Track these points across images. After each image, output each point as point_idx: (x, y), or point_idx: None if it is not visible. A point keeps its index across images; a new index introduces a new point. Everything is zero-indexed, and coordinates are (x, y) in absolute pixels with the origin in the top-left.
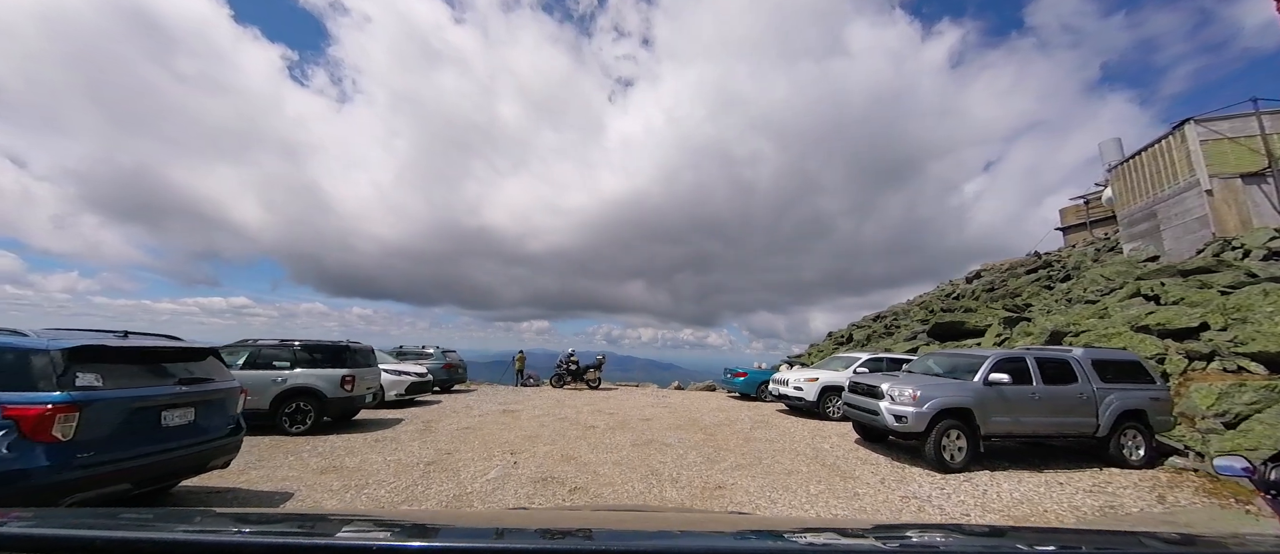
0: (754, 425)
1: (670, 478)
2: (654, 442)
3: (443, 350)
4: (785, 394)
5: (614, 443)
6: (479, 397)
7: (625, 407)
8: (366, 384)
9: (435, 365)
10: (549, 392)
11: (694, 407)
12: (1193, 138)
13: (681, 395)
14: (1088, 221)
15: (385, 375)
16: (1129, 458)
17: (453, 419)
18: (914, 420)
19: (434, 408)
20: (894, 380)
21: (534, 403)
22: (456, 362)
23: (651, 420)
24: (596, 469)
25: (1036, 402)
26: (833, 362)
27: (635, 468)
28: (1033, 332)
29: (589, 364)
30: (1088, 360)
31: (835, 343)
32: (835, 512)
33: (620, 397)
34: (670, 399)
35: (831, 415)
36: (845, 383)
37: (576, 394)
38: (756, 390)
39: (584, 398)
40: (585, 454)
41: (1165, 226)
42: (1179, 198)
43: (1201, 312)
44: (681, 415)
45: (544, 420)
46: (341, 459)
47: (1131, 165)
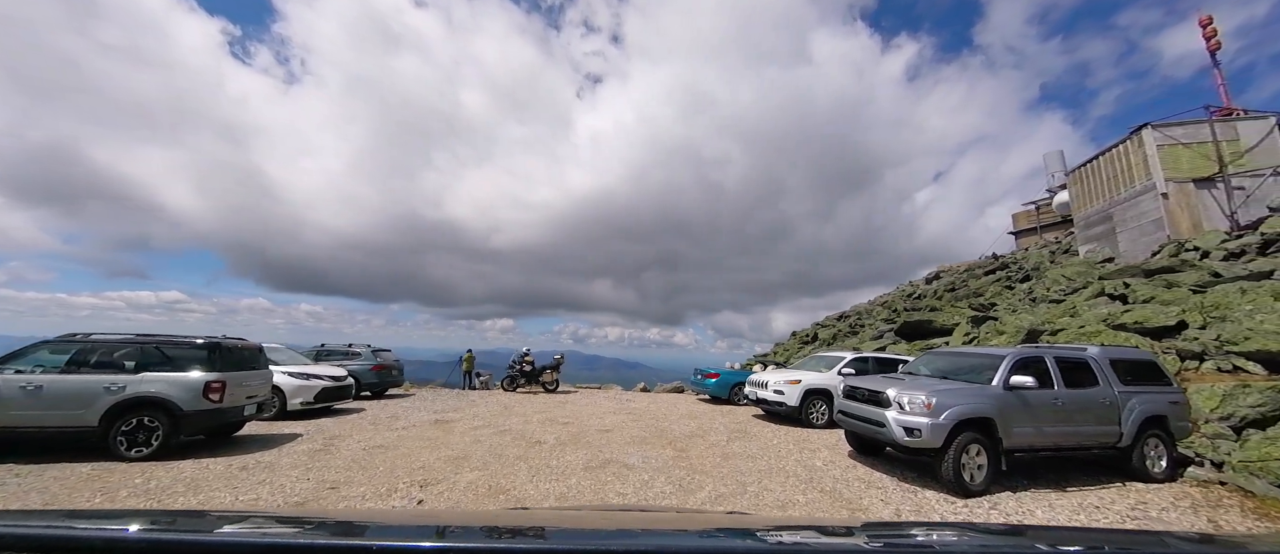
0: (731, 436)
1: None
2: (613, 463)
3: (374, 349)
4: (764, 398)
5: (562, 465)
6: (414, 403)
7: (583, 414)
8: (250, 392)
9: (362, 367)
10: (499, 396)
11: (661, 412)
12: (1150, 142)
13: (647, 399)
14: (1038, 226)
15: (286, 380)
16: (1151, 470)
17: (366, 434)
18: (929, 434)
19: (350, 419)
20: (901, 385)
21: (477, 410)
22: (390, 362)
23: (612, 432)
24: (534, 507)
25: (1059, 408)
26: (814, 361)
27: (587, 502)
28: (1006, 330)
29: (545, 365)
30: (1105, 360)
31: (800, 342)
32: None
33: (579, 401)
34: (635, 403)
35: (815, 422)
36: (831, 386)
37: (530, 399)
38: (729, 393)
39: (538, 403)
40: (522, 485)
41: (1121, 228)
42: (1135, 201)
43: (1177, 310)
44: (647, 424)
45: (481, 434)
46: (175, 498)
47: (1089, 169)
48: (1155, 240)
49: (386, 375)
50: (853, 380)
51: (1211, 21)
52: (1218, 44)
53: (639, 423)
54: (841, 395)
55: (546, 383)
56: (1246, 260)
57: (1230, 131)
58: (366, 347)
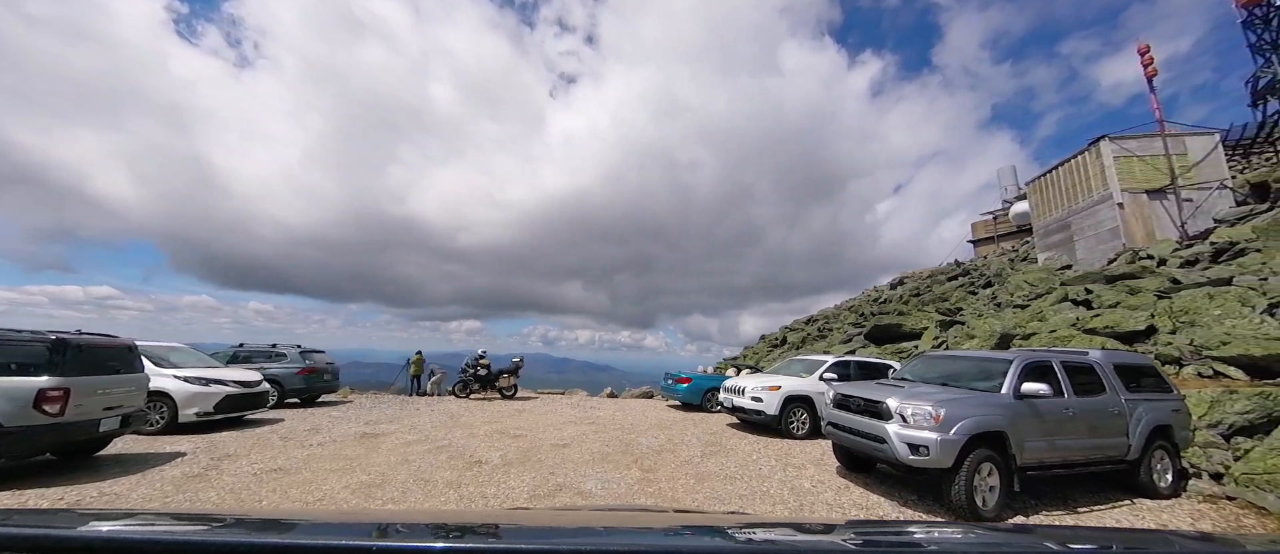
0: (706, 451)
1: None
2: (566, 488)
3: (303, 350)
4: (740, 406)
5: (504, 493)
6: (346, 412)
7: (540, 425)
8: (111, 402)
9: (286, 371)
10: (449, 404)
11: (628, 421)
12: (1107, 154)
13: (614, 406)
14: (996, 235)
15: (178, 386)
16: (1159, 485)
17: (269, 453)
18: (939, 451)
19: (258, 432)
20: (901, 394)
21: (417, 421)
22: (322, 365)
23: (569, 447)
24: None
25: (1071, 419)
26: (793, 365)
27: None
28: (976, 334)
29: (502, 368)
30: (1109, 365)
31: (769, 345)
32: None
33: (538, 409)
34: (600, 411)
35: (796, 432)
36: (813, 392)
37: (482, 406)
38: (702, 399)
39: (490, 412)
40: None
41: (1078, 237)
42: (1093, 210)
43: (1146, 314)
44: (611, 437)
45: (413, 451)
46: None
47: (1048, 180)
48: (1111, 248)
49: (316, 380)
50: (844, 388)
51: (1149, 50)
52: (1154, 71)
53: (602, 435)
54: (830, 405)
55: (503, 389)
56: (1201, 268)
57: (1179, 146)
58: (294, 347)
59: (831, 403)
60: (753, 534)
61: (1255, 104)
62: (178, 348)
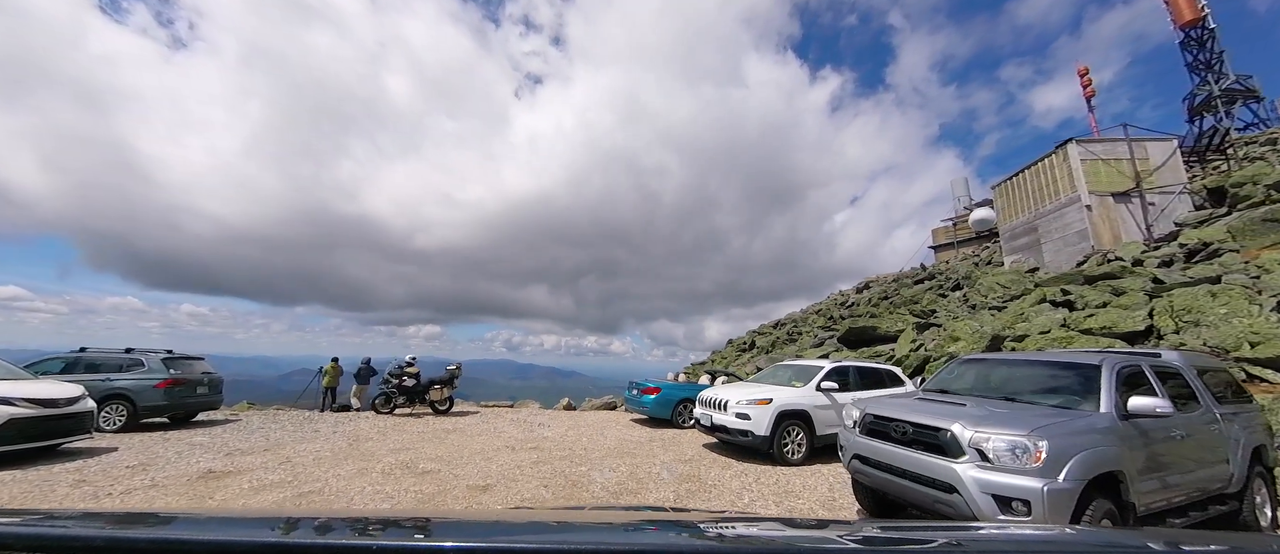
0: (681, 489)
1: None
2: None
3: (172, 357)
4: (722, 425)
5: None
6: (215, 437)
7: (465, 453)
8: None
9: (140, 383)
10: (362, 423)
11: (582, 445)
12: (1074, 157)
13: (568, 421)
14: (955, 241)
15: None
16: (1262, 523)
17: (50, 504)
18: (1050, 505)
19: (55, 469)
20: (970, 418)
21: (296, 451)
22: (193, 376)
23: (493, 489)
24: None
25: (1179, 444)
26: (778, 372)
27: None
28: (960, 336)
29: (434, 378)
30: (1192, 369)
31: (737, 350)
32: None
33: (472, 429)
34: (550, 429)
35: (792, 458)
36: (808, 406)
37: (403, 426)
38: (672, 412)
39: (408, 433)
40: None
41: (1046, 240)
42: (1060, 213)
43: (1141, 314)
44: (556, 469)
45: (264, 500)
46: None
47: (1014, 183)
48: (1080, 250)
49: (185, 394)
50: (880, 407)
51: (1088, 72)
52: (1093, 91)
53: (544, 467)
54: (853, 429)
55: (435, 402)
56: (1180, 268)
57: (1141, 151)
58: (160, 352)
59: (858, 427)
60: (752, 532)
61: (1192, 119)
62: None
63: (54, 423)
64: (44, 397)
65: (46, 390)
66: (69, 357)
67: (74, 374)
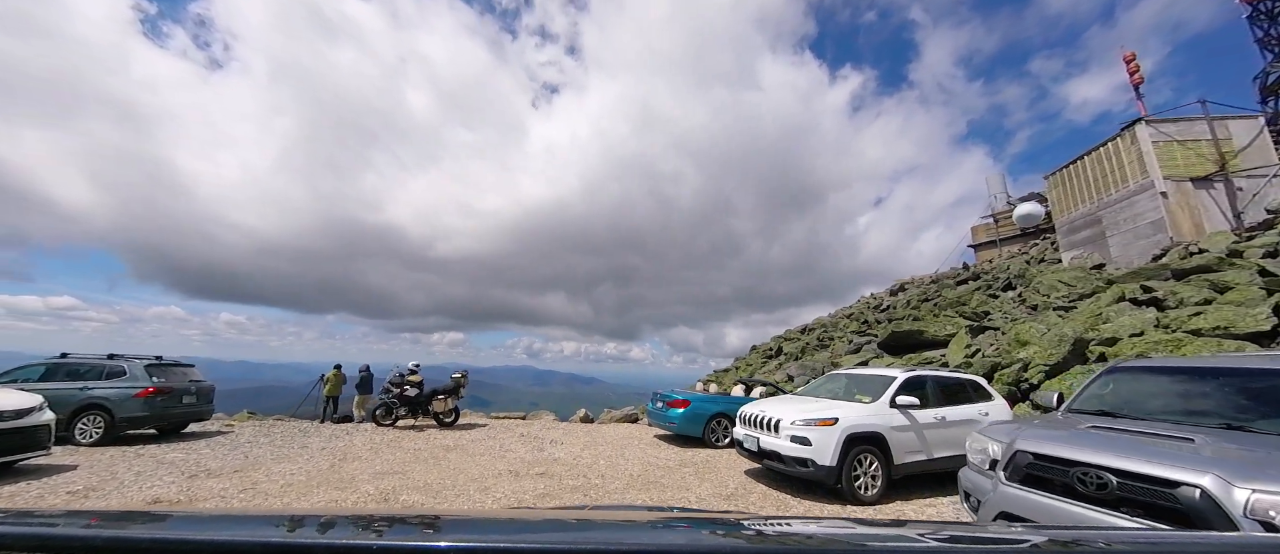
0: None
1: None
2: None
3: (157, 363)
4: (772, 451)
5: None
6: (191, 453)
7: (461, 478)
8: None
9: (122, 392)
10: (358, 437)
11: (598, 470)
12: (1145, 139)
13: (584, 437)
14: (997, 239)
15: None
16: None
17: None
18: None
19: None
20: (1224, 466)
21: (270, 473)
22: (180, 385)
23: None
24: None
25: None
26: (832, 383)
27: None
28: (1028, 340)
29: (438, 388)
30: None
31: (762, 356)
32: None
33: (475, 446)
34: (565, 447)
35: (864, 492)
36: (882, 427)
37: (400, 441)
38: (704, 430)
39: (403, 452)
40: None
41: (1112, 232)
42: (1129, 201)
43: (1265, 313)
44: (565, 506)
45: None
46: None
47: (1071, 171)
48: (1155, 243)
49: (170, 404)
50: (1043, 443)
51: (1134, 57)
52: (1141, 78)
53: (550, 500)
54: (1001, 474)
55: (440, 414)
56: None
57: (1223, 130)
58: (146, 359)
59: (1005, 469)
60: (753, 531)
61: (1265, 100)
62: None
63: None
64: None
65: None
66: (50, 362)
67: (54, 381)
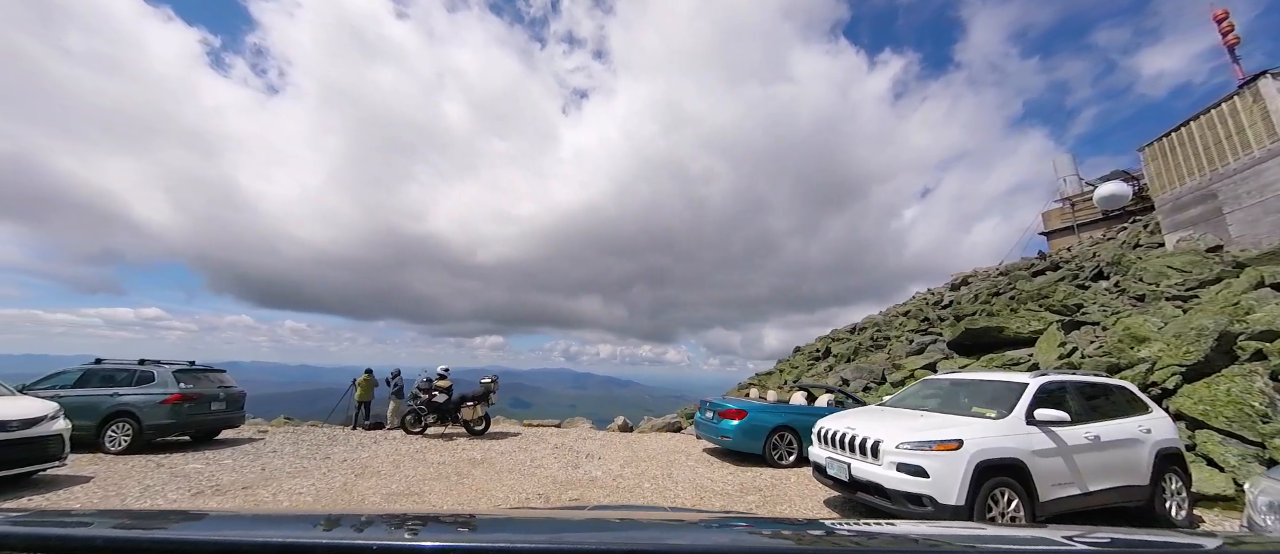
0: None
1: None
2: None
3: (187, 369)
4: (872, 482)
5: None
6: (211, 463)
7: (485, 499)
8: None
9: (149, 399)
10: (383, 448)
11: (645, 491)
12: (1273, 95)
13: (625, 448)
14: (1074, 224)
15: None
16: None
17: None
18: None
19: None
20: None
21: (285, 487)
22: (211, 391)
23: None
24: None
25: None
26: (931, 390)
27: None
28: (1145, 335)
29: (468, 394)
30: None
31: (809, 358)
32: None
33: (504, 460)
34: (602, 462)
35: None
36: (1020, 452)
37: (424, 452)
38: (764, 445)
39: (427, 466)
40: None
41: (1231, 207)
42: (1254, 171)
43: None
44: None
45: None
46: None
47: (1173, 140)
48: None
49: (195, 410)
50: None
51: (1227, 16)
52: (1236, 39)
53: None
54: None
55: (469, 421)
56: None
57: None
58: (182, 364)
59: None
60: (754, 532)
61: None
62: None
63: (2, 451)
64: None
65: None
66: (85, 368)
67: (87, 387)
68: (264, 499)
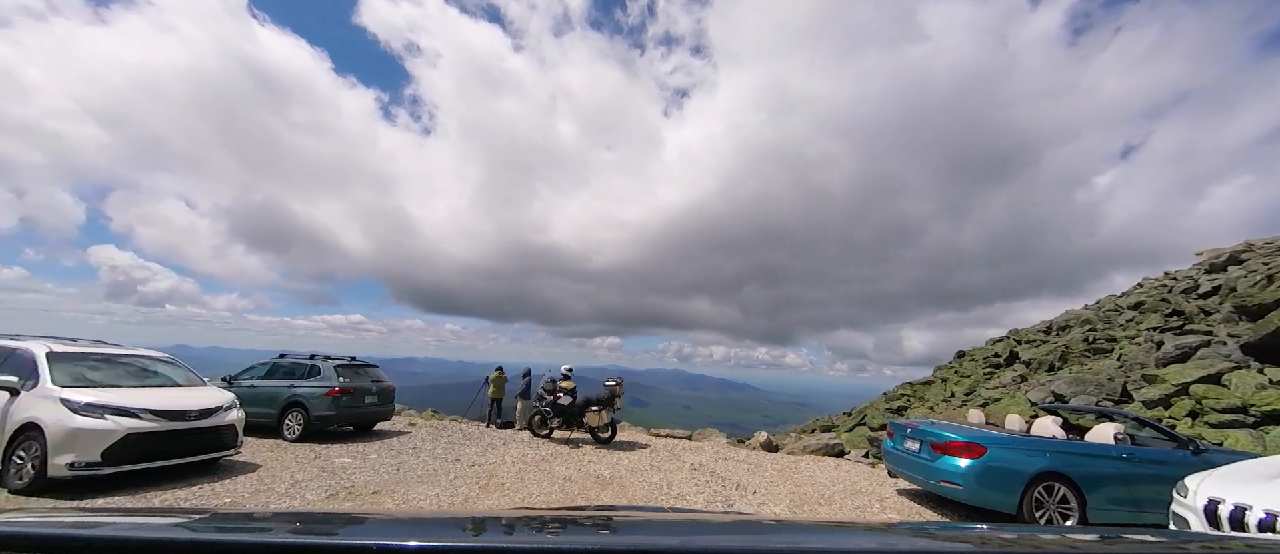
0: None
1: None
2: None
3: (347, 364)
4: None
5: None
6: (359, 458)
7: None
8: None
9: (315, 391)
10: (513, 451)
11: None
12: None
13: (778, 473)
14: None
15: (58, 416)
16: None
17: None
18: None
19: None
20: None
21: (411, 494)
22: (363, 384)
23: None
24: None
25: None
26: None
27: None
28: None
29: (593, 397)
30: None
31: (983, 365)
32: None
33: (635, 479)
34: (756, 495)
35: None
36: None
37: (550, 462)
38: (1021, 500)
39: (553, 480)
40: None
41: None
42: None
43: None
44: None
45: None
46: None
47: None
48: None
49: (352, 403)
50: None
51: None
52: None
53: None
54: None
55: (596, 427)
56: None
57: None
58: (344, 360)
59: None
60: (754, 533)
61: None
62: (140, 357)
63: (181, 439)
64: (170, 408)
65: (179, 401)
66: (272, 362)
67: (273, 379)
68: (388, 506)
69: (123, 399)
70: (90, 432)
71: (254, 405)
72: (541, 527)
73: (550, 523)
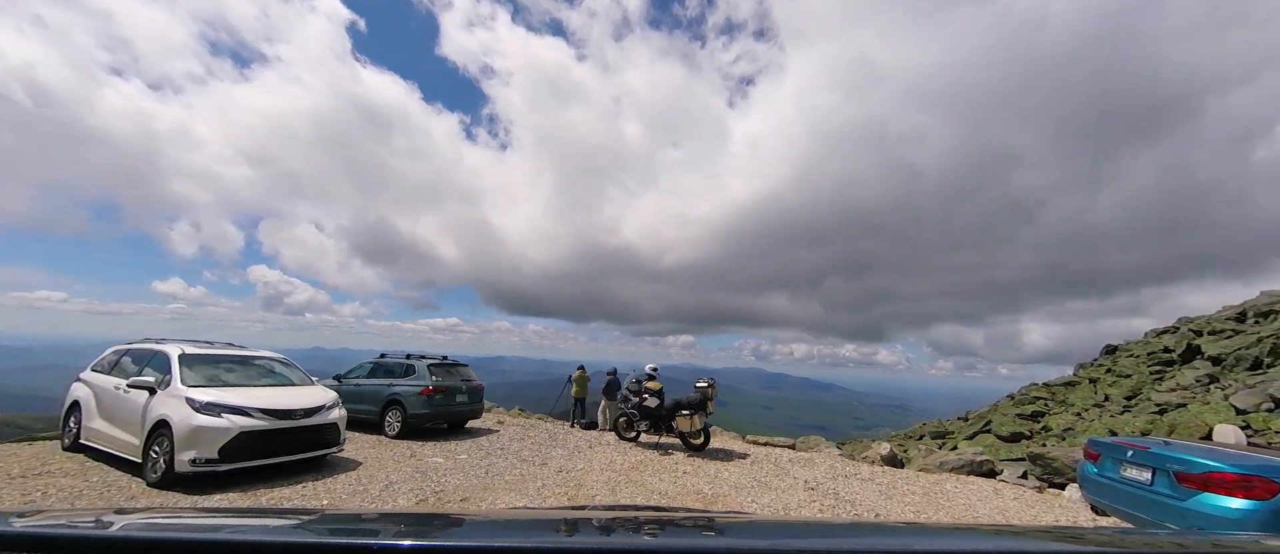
0: None
1: None
2: None
3: (439, 363)
4: None
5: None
6: (451, 457)
7: None
8: None
9: (410, 390)
10: (600, 456)
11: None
12: None
13: (924, 499)
14: None
15: (184, 415)
16: None
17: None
18: None
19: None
20: None
21: (498, 501)
22: (453, 384)
23: None
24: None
25: None
26: None
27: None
28: None
29: (682, 400)
30: None
31: (1145, 362)
32: None
33: (741, 500)
34: (905, 523)
35: None
36: None
37: (641, 471)
38: None
39: (645, 493)
40: None
41: None
42: None
43: None
44: None
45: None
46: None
47: None
48: None
49: (444, 402)
50: None
51: None
52: None
53: None
54: None
55: (687, 433)
56: None
57: None
58: (436, 359)
59: None
60: (755, 533)
61: None
62: (261, 357)
63: (288, 437)
64: (279, 407)
65: (287, 399)
66: (374, 361)
67: (375, 378)
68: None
69: (237, 398)
70: (209, 429)
71: (360, 403)
72: (542, 527)
73: (550, 523)
